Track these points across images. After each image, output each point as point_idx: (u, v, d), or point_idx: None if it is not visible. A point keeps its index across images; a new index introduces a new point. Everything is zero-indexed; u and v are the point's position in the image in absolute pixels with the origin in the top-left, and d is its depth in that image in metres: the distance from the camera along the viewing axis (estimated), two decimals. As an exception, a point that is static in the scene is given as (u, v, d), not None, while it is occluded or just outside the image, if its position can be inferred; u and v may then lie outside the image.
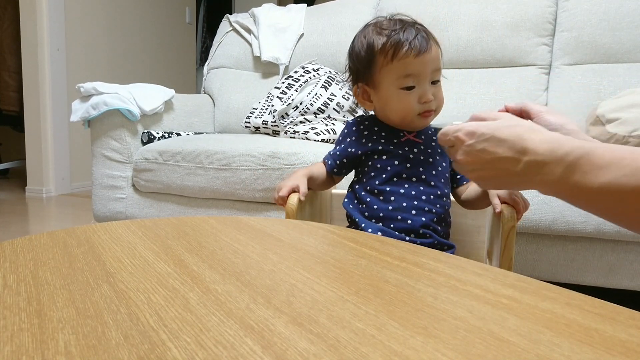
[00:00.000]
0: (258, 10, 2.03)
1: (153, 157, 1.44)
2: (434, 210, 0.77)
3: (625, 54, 1.45)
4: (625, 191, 0.39)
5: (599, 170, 0.41)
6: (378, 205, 0.77)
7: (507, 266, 0.72)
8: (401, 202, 0.76)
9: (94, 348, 0.27)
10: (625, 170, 0.39)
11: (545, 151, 0.46)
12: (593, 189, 0.41)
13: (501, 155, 0.49)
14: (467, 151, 0.53)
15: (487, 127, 0.51)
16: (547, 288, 0.37)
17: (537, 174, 0.47)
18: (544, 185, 0.47)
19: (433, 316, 0.32)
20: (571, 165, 0.43)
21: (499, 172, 0.51)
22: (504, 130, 0.50)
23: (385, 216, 0.76)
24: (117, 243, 0.49)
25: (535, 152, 0.47)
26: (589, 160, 0.42)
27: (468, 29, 1.63)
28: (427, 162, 0.79)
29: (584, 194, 0.43)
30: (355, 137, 0.83)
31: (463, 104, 1.58)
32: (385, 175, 0.78)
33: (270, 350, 0.27)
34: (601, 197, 0.41)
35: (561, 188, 0.45)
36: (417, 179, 0.78)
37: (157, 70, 3.43)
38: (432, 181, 0.78)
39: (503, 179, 0.51)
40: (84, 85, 1.50)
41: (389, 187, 0.77)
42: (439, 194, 0.78)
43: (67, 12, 2.69)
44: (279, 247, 0.48)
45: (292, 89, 1.65)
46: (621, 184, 0.39)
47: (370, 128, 0.83)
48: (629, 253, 1.02)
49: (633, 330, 0.30)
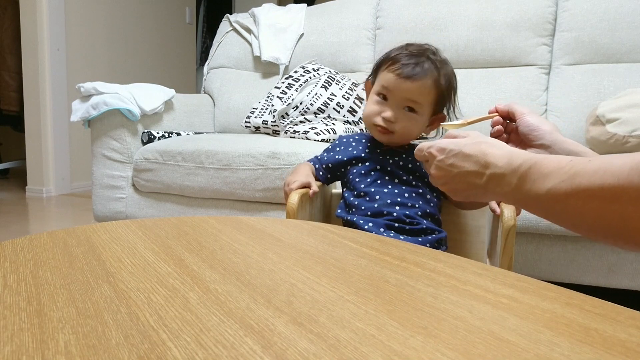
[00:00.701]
0: (258, 10, 2.03)
1: (153, 157, 1.44)
2: (417, 205, 0.82)
3: (625, 54, 1.45)
4: (565, 195, 0.42)
5: (544, 178, 0.45)
6: (365, 205, 0.83)
7: (507, 266, 0.72)
8: (385, 199, 0.82)
9: (94, 348, 0.27)
10: (563, 177, 0.43)
11: (503, 164, 0.50)
12: (540, 195, 0.45)
13: (468, 169, 0.54)
14: (438, 166, 0.58)
15: (455, 144, 0.57)
16: (547, 288, 0.37)
17: (498, 185, 0.51)
18: (504, 196, 0.51)
19: (433, 316, 0.32)
20: (523, 175, 0.48)
21: (466, 184, 0.55)
22: (470, 147, 0.55)
23: (372, 214, 0.82)
24: (117, 243, 0.49)
25: (495, 165, 0.51)
26: (536, 170, 0.46)
27: (468, 28, 1.63)
28: (406, 167, 0.85)
29: (533, 200, 0.47)
30: (344, 147, 0.92)
31: (463, 104, 1.58)
32: (369, 179, 0.85)
33: (270, 350, 0.27)
34: (547, 202, 0.45)
35: (517, 196, 0.49)
36: (399, 181, 0.84)
37: (157, 70, 3.43)
38: (413, 182, 0.84)
39: (470, 191, 0.56)
40: (84, 85, 1.50)
41: (373, 188, 0.84)
42: (420, 193, 0.84)
43: (67, 12, 2.69)
44: (279, 247, 0.48)
45: (292, 88, 1.65)
46: (560, 189, 0.43)
47: (357, 141, 0.92)
48: (629, 253, 1.02)
49: (633, 330, 0.30)
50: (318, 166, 0.93)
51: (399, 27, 1.73)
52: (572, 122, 1.46)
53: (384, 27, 1.77)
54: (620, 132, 1.15)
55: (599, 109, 1.22)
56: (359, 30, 1.80)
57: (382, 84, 0.82)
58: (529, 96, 1.53)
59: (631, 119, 1.14)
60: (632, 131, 1.14)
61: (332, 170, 0.91)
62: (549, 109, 1.52)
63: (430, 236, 0.80)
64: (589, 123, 1.25)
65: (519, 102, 1.53)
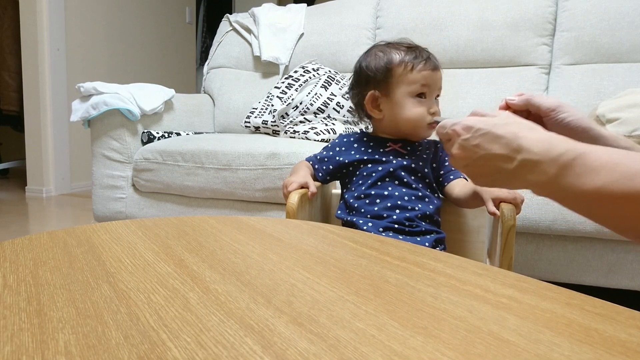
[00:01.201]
0: (258, 10, 2.03)
1: (153, 157, 1.44)
2: (416, 208, 0.82)
3: (625, 54, 1.45)
4: (621, 197, 0.37)
5: (591, 173, 0.39)
6: (365, 208, 0.83)
7: (507, 266, 0.72)
8: (386, 202, 0.82)
9: (94, 348, 0.27)
10: (618, 175, 0.37)
11: (540, 150, 0.44)
12: (585, 192, 0.40)
13: (496, 152, 0.48)
14: (462, 145, 0.52)
15: (484, 123, 0.51)
16: (547, 288, 0.37)
17: (530, 173, 0.45)
18: (536, 186, 0.46)
19: (433, 316, 0.32)
20: (565, 165, 0.42)
21: (492, 169, 0.49)
22: (501, 128, 0.49)
23: (372, 216, 0.82)
24: (117, 243, 0.49)
25: (529, 150, 0.45)
26: (583, 162, 0.41)
27: (468, 28, 1.63)
28: (409, 168, 0.85)
29: (576, 197, 0.41)
30: (345, 148, 0.91)
31: (463, 104, 1.58)
32: (371, 181, 0.85)
33: (270, 350, 0.27)
34: (594, 202, 0.40)
35: (553, 188, 0.44)
36: (399, 182, 0.84)
37: (157, 70, 3.43)
38: (413, 184, 0.84)
39: (496, 176, 0.50)
40: (84, 85, 1.50)
41: (374, 191, 0.84)
42: (420, 195, 0.84)
43: (67, 12, 2.69)
44: (279, 247, 0.48)
45: (292, 88, 1.65)
46: (614, 189, 0.38)
47: (357, 141, 0.91)
48: (629, 253, 1.02)
49: (633, 330, 0.30)
50: (318, 166, 0.92)
51: (399, 27, 1.73)
52: (572, 122, 1.45)
53: (384, 27, 1.77)
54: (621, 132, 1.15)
55: (599, 109, 1.22)
56: (359, 30, 1.80)
57: (420, 83, 0.83)
58: (529, 96, 1.53)
59: (631, 119, 1.14)
60: (632, 131, 1.14)
61: (332, 172, 0.91)
62: (549, 109, 1.52)
63: (429, 236, 0.81)
64: (589, 123, 1.25)
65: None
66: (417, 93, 0.83)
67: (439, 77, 0.85)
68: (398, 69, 0.84)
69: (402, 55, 0.84)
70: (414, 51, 0.84)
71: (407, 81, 0.83)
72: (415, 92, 0.83)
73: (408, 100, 0.84)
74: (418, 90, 0.83)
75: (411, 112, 0.84)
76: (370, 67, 0.87)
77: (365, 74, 0.88)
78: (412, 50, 0.84)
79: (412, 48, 0.85)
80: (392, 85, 0.84)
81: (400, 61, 0.84)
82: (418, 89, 0.83)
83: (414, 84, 0.83)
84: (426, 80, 0.83)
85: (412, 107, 0.84)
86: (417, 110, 0.83)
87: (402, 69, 0.83)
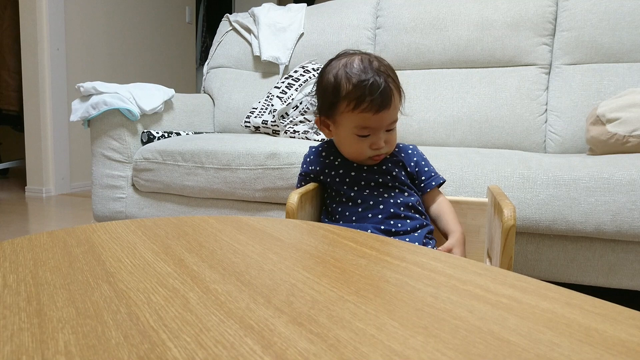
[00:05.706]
0: (258, 9, 2.03)
1: (153, 157, 1.44)
2: (399, 201, 0.83)
3: (625, 53, 1.45)
4: None
5: None
6: (349, 210, 0.84)
7: (507, 266, 0.72)
8: (368, 201, 0.83)
9: (94, 348, 0.27)
10: None
11: None
12: None
13: None
14: None
15: None
16: (547, 288, 0.37)
17: None
18: None
19: (433, 316, 0.32)
20: None
21: None
22: None
23: (357, 218, 0.83)
24: (117, 243, 0.49)
25: None
26: None
27: (468, 28, 1.63)
28: (380, 170, 0.86)
29: None
30: (313, 157, 0.93)
31: (463, 104, 1.58)
32: (349, 180, 0.86)
33: (270, 350, 0.27)
34: None
35: None
36: (375, 184, 0.85)
37: (157, 70, 3.43)
38: (389, 183, 0.85)
39: None
40: (83, 84, 1.50)
41: (353, 193, 0.85)
42: (397, 192, 0.85)
43: (67, 12, 2.69)
44: (279, 247, 0.48)
45: (292, 88, 1.65)
46: None
47: (326, 149, 0.92)
48: (629, 253, 1.02)
49: (633, 330, 0.30)
50: (304, 182, 0.94)
51: (399, 27, 1.73)
52: (572, 122, 1.46)
53: (384, 26, 1.77)
54: (621, 131, 1.15)
55: (599, 109, 1.22)
56: (359, 29, 1.80)
57: (361, 126, 0.79)
58: (529, 96, 1.53)
59: (631, 119, 1.14)
60: (632, 131, 1.14)
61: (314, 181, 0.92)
62: (549, 109, 1.52)
63: (416, 233, 0.82)
64: (589, 123, 1.25)
65: (519, 102, 1.53)
66: (356, 133, 0.81)
67: (385, 117, 0.79)
68: (342, 104, 0.79)
69: (350, 88, 0.78)
70: (362, 88, 0.77)
71: (349, 118, 0.80)
72: (356, 132, 0.81)
73: (350, 136, 0.82)
74: (358, 132, 0.80)
75: (351, 147, 0.84)
76: (321, 90, 0.84)
77: (318, 94, 0.86)
78: (361, 85, 0.77)
79: (362, 82, 0.77)
80: (336, 117, 0.82)
81: (345, 96, 0.79)
82: (358, 131, 0.80)
83: (355, 124, 0.80)
84: (367, 123, 0.79)
85: (353, 142, 0.82)
86: (357, 147, 0.82)
87: (345, 105, 0.79)
